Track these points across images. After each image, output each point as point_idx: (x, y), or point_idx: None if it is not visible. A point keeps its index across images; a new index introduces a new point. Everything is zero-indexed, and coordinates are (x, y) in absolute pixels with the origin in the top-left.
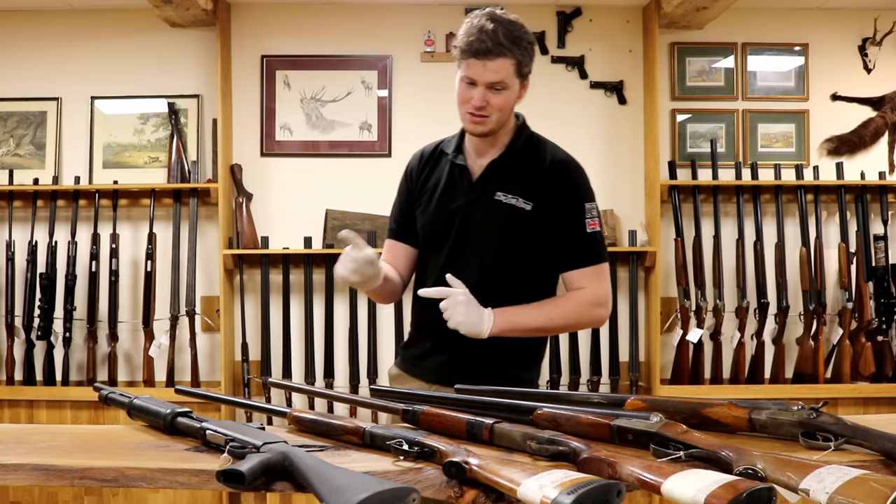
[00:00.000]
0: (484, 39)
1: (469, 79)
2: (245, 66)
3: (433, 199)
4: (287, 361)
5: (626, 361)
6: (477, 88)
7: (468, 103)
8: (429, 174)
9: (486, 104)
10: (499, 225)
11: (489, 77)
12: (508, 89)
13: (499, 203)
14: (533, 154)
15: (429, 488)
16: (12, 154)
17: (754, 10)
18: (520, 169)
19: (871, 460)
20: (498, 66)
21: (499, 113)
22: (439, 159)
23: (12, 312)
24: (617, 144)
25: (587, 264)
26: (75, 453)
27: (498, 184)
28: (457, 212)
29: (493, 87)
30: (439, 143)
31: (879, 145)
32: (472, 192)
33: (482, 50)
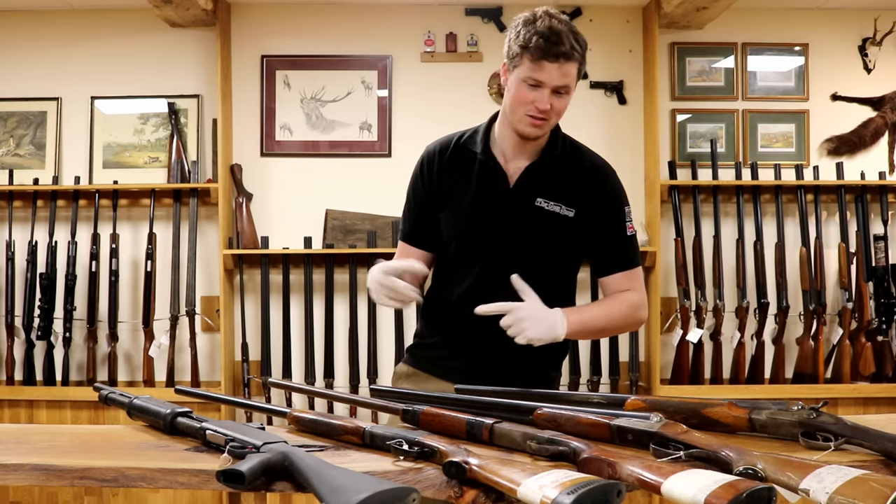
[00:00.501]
0: (562, 42)
1: (535, 80)
2: (245, 66)
3: (465, 203)
4: (287, 361)
5: (626, 361)
6: (541, 91)
7: (529, 105)
8: (452, 174)
9: (551, 108)
10: (542, 232)
11: (560, 81)
12: (570, 94)
13: (541, 210)
14: (571, 159)
15: (429, 488)
16: (12, 154)
17: (754, 10)
18: (559, 174)
19: (871, 460)
20: (569, 69)
21: (557, 117)
22: (461, 158)
23: (12, 312)
24: (617, 144)
25: (629, 267)
26: (75, 453)
27: (538, 190)
28: (495, 218)
29: (557, 90)
30: (457, 140)
31: (879, 145)
32: (511, 198)
33: (560, 53)
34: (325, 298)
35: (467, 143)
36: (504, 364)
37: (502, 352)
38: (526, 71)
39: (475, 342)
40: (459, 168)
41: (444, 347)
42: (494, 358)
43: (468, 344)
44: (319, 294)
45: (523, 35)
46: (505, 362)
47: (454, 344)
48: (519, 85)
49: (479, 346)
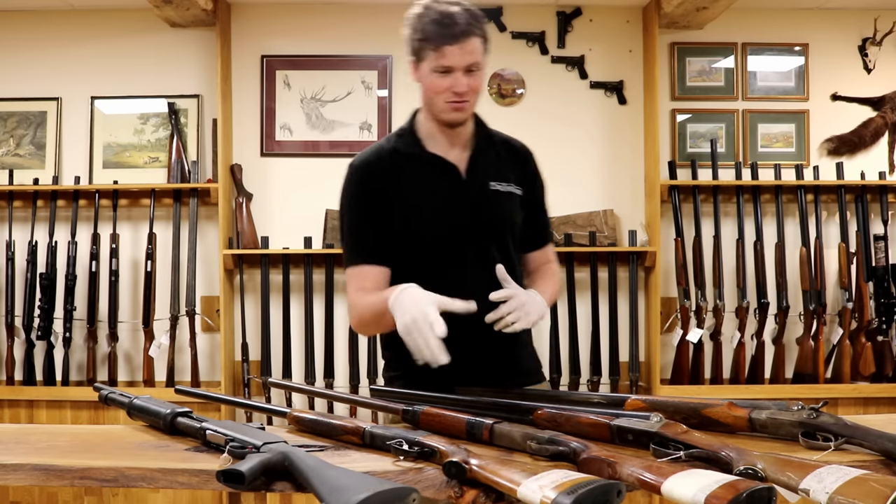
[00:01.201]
0: (456, 23)
1: (443, 67)
2: (245, 66)
3: (426, 204)
4: (287, 361)
5: (626, 361)
6: (452, 75)
7: (446, 92)
8: (398, 177)
9: (468, 89)
10: (504, 214)
11: (466, 60)
12: (482, 69)
13: (497, 193)
14: (500, 140)
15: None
16: (12, 154)
17: (754, 10)
18: (499, 156)
19: (871, 460)
20: (472, 46)
21: (476, 96)
22: (399, 163)
23: (12, 312)
24: (617, 144)
25: (550, 240)
26: (75, 453)
27: (488, 174)
28: (459, 210)
29: (469, 70)
30: (386, 146)
31: (879, 145)
32: (468, 188)
33: (456, 33)
34: (325, 298)
35: (399, 147)
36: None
37: (494, 349)
38: (432, 61)
39: (467, 341)
40: (403, 171)
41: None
42: (489, 356)
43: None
44: (319, 294)
45: (419, 28)
46: (496, 359)
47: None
48: (430, 76)
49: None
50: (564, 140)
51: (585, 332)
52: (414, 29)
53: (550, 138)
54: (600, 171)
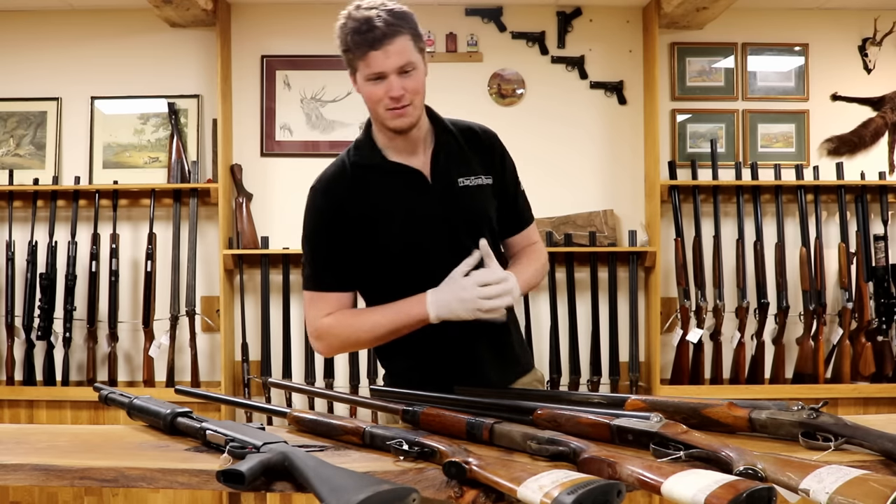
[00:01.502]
0: (375, 27)
1: (375, 74)
2: (245, 66)
3: (395, 215)
4: (287, 361)
5: (626, 361)
6: (386, 80)
7: (384, 99)
8: (365, 194)
9: (404, 91)
10: (477, 209)
11: (395, 62)
12: (417, 68)
13: (466, 189)
14: (461, 131)
15: (429, 488)
16: (12, 154)
17: (754, 10)
18: (462, 148)
19: (871, 460)
20: (398, 47)
21: (417, 97)
22: (362, 177)
23: (12, 312)
24: (617, 144)
25: (531, 221)
26: (75, 453)
27: (453, 171)
28: (433, 216)
29: (402, 71)
30: (346, 162)
31: (879, 145)
32: (436, 190)
33: (378, 37)
34: None
35: (358, 161)
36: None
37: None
38: (363, 70)
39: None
40: (367, 186)
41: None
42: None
43: (448, 352)
44: None
45: (343, 39)
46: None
47: (434, 360)
48: (366, 86)
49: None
50: (564, 140)
51: (585, 332)
52: (340, 42)
53: (550, 138)
54: (600, 171)
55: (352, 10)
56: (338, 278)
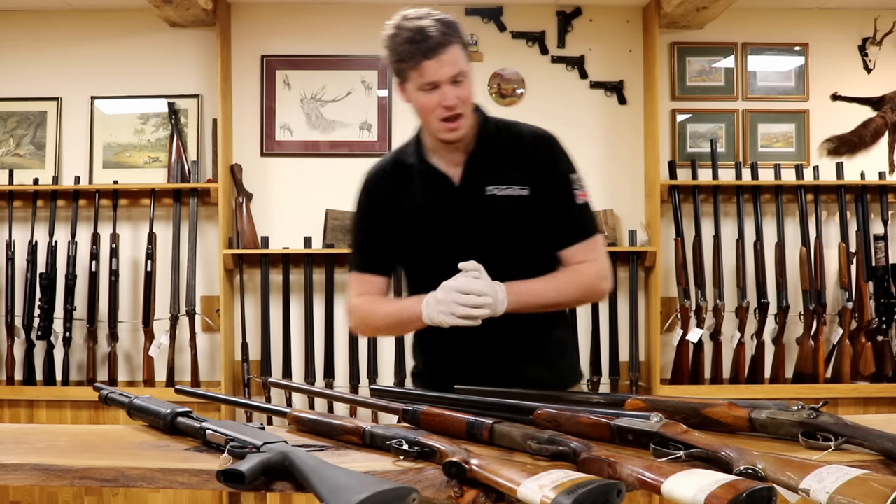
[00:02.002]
0: (430, 36)
1: (429, 84)
2: (245, 66)
3: (417, 215)
4: (287, 361)
5: (626, 361)
6: (439, 90)
7: (436, 109)
8: (398, 190)
9: (457, 101)
10: (501, 220)
11: (449, 71)
12: (468, 78)
13: (493, 198)
14: (508, 136)
15: (429, 488)
16: (12, 154)
17: (754, 10)
18: (501, 157)
19: (871, 460)
20: (452, 56)
21: (467, 106)
22: (402, 173)
23: (12, 312)
24: (617, 144)
25: (584, 238)
26: (75, 453)
27: (485, 179)
28: (451, 221)
29: (454, 81)
30: (392, 158)
31: (879, 145)
32: (460, 196)
33: (432, 46)
34: (325, 298)
35: (401, 158)
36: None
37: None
38: (415, 80)
39: (470, 349)
40: (402, 184)
41: (443, 370)
42: (492, 361)
43: (464, 356)
44: (319, 294)
45: (394, 49)
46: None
47: (452, 361)
48: (417, 96)
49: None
50: (564, 140)
51: (585, 332)
52: (390, 51)
53: None
54: (600, 171)
55: (401, 21)
56: (370, 263)
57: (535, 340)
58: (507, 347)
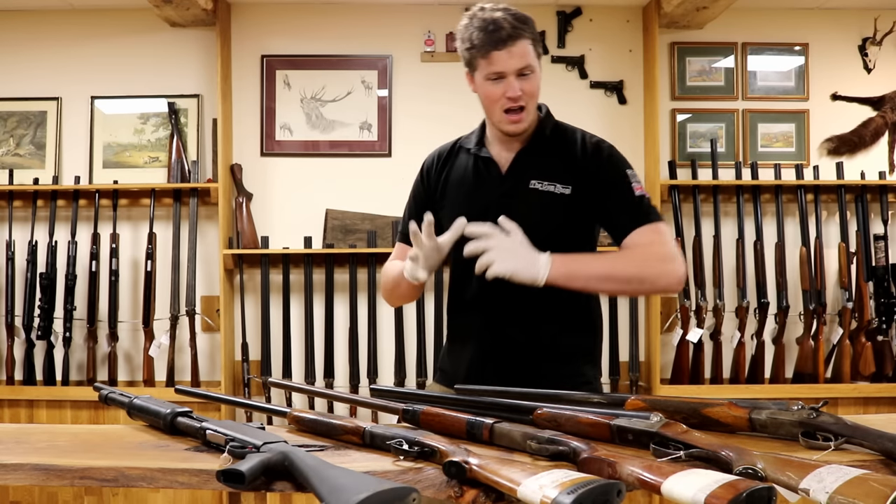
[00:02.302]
0: (501, 27)
1: (496, 73)
2: (245, 66)
3: (460, 195)
4: (287, 361)
5: (626, 361)
6: (505, 81)
7: (501, 99)
8: (449, 171)
9: (521, 93)
10: (539, 214)
11: (516, 64)
12: (535, 72)
13: (535, 192)
14: (563, 138)
15: (429, 488)
16: (12, 154)
17: (754, 10)
18: (551, 154)
19: (871, 460)
20: (521, 49)
21: (532, 100)
22: (458, 155)
23: (12, 312)
24: (617, 144)
25: (646, 222)
26: (75, 453)
27: (531, 172)
28: (490, 205)
29: (521, 73)
30: (456, 142)
31: (879, 145)
32: (504, 185)
33: (503, 38)
34: (325, 298)
35: (463, 143)
36: (531, 360)
37: (526, 347)
38: (483, 69)
39: (497, 338)
40: (457, 166)
41: (469, 356)
42: (520, 353)
43: (491, 342)
44: (319, 294)
45: (466, 37)
46: (531, 357)
47: (478, 348)
48: (484, 85)
49: (502, 342)
50: None
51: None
52: (462, 39)
53: None
54: None
55: (477, 11)
56: (405, 235)
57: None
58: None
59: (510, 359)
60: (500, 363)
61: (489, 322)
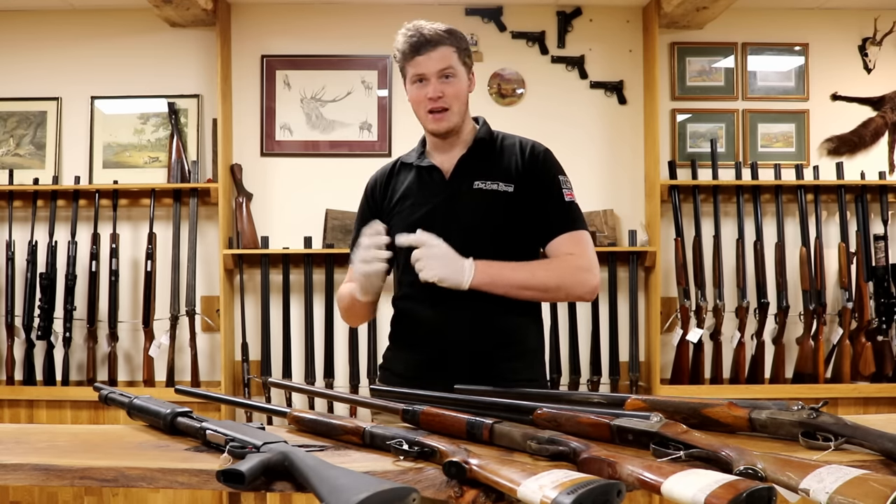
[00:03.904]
0: (423, 34)
1: (418, 76)
2: (245, 66)
3: (406, 206)
4: (287, 361)
5: (626, 361)
6: (426, 83)
7: (424, 101)
8: (394, 187)
9: (442, 94)
10: (484, 212)
11: (436, 66)
12: (457, 76)
13: (479, 191)
14: (502, 143)
15: (429, 488)
16: (12, 154)
17: (754, 10)
18: (492, 157)
19: (871, 460)
20: (441, 54)
21: (456, 102)
22: (401, 171)
23: (12, 312)
24: (617, 144)
25: (569, 230)
26: (75, 453)
27: (474, 174)
28: (436, 209)
29: (442, 75)
30: (396, 161)
31: (879, 145)
32: (449, 187)
33: (423, 43)
34: (325, 298)
35: (404, 160)
36: (465, 365)
37: (465, 352)
38: (409, 72)
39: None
40: (401, 181)
41: (408, 362)
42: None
43: (427, 347)
44: (319, 294)
45: (397, 48)
46: (466, 364)
47: (416, 352)
48: (411, 89)
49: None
50: (564, 140)
51: (585, 331)
52: (396, 51)
53: (550, 138)
54: (600, 171)
55: (408, 23)
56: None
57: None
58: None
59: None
60: (442, 364)
61: (435, 322)
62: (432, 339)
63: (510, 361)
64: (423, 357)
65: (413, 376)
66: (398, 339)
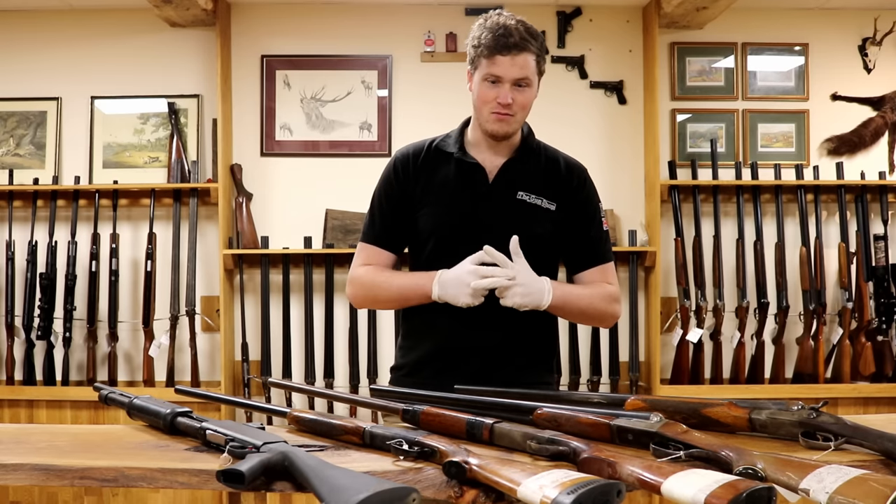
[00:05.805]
0: (511, 35)
1: (493, 76)
2: (245, 66)
3: (444, 200)
4: (287, 361)
5: (626, 361)
6: (501, 86)
7: (492, 102)
8: (430, 174)
9: (513, 101)
10: (526, 226)
11: (516, 73)
12: (531, 86)
13: (523, 203)
14: (547, 156)
15: (429, 488)
16: (12, 154)
17: (754, 10)
18: (537, 170)
19: (871, 460)
20: (523, 61)
21: (522, 112)
22: (437, 158)
23: (12, 312)
24: (617, 144)
25: (606, 261)
26: (75, 453)
27: (518, 184)
28: (476, 212)
29: (518, 83)
30: (430, 144)
31: (879, 145)
32: (492, 193)
33: (510, 45)
34: (325, 298)
35: (441, 146)
36: (492, 367)
37: (489, 354)
38: (483, 69)
39: (461, 342)
40: (435, 169)
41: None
42: (482, 361)
43: (453, 345)
44: (319, 294)
45: (476, 36)
46: (493, 365)
47: (439, 350)
48: (480, 84)
49: (465, 348)
50: (564, 140)
51: (585, 331)
52: (472, 37)
53: (550, 138)
54: (600, 171)
55: (493, 14)
56: (381, 237)
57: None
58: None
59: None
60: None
61: (453, 323)
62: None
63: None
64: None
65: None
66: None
